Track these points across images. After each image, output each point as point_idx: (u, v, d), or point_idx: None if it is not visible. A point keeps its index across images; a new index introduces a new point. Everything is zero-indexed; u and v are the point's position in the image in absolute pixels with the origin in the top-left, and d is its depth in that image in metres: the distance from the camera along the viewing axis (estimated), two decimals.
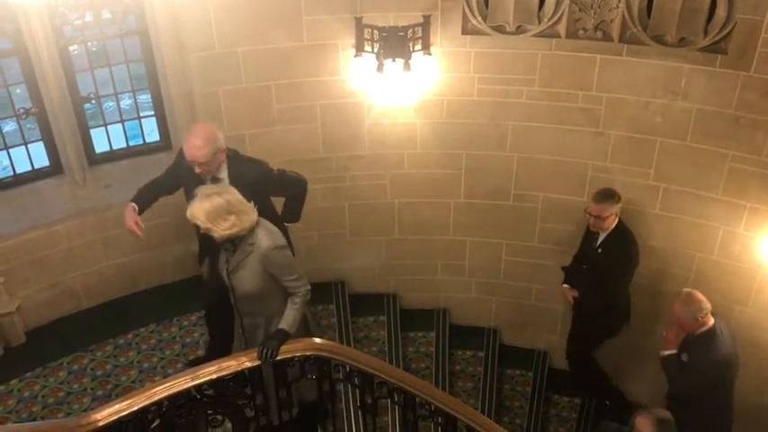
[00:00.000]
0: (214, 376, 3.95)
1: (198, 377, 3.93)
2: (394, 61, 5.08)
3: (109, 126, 5.57)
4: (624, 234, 5.30)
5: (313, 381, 4.28)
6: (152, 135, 5.71)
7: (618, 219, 5.27)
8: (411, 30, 5.10)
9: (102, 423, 3.70)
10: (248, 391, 4.15)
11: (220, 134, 4.40)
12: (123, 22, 5.14)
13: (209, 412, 4.09)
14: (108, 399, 4.97)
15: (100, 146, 5.58)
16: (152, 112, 5.55)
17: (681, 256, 5.56)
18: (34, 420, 4.90)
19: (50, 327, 5.55)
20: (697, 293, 4.61)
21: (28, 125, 5.38)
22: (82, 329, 5.55)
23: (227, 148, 4.44)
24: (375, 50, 5.14)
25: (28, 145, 5.34)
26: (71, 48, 5.13)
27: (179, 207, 4.29)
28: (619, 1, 4.89)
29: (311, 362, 4.17)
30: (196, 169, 4.34)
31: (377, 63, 5.11)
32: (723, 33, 4.73)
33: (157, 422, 3.91)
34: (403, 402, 4.23)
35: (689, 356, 4.69)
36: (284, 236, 4.26)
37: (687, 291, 4.66)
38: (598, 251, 5.35)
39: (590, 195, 5.63)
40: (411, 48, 5.13)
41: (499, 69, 5.37)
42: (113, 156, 5.61)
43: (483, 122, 5.61)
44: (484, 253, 6.24)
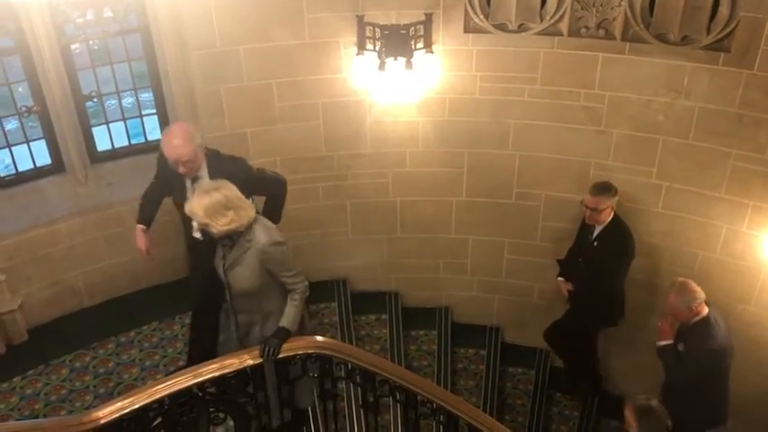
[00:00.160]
0: (216, 374, 3.95)
1: (200, 375, 3.93)
2: (396, 59, 5.08)
3: (111, 124, 5.57)
4: (620, 228, 5.32)
5: (308, 386, 4.27)
6: (154, 133, 5.71)
7: (614, 212, 5.29)
8: (413, 28, 5.09)
9: (103, 421, 3.71)
10: (250, 389, 4.16)
11: (197, 131, 4.38)
12: (125, 20, 5.14)
13: (210, 410, 4.09)
14: (110, 396, 4.97)
15: (102, 144, 5.58)
16: (154, 111, 5.56)
17: (683, 255, 5.56)
18: (36, 418, 4.90)
19: (52, 325, 5.56)
20: (691, 283, 4.62)
21: (30, 123, 5.39)
22: (84, 327, 5.57)
23: (206, 148, 4.41)
24: (377, 48, 5.13)
25: (30, 143, 5.35)
26: (73, 46, 5.13)
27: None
28: None
29: (313, 360, 4.17)
30: (180, 169, 4.28)
31: (378, 61, 5.11)
32: (726, 31, 4.72)
33: (159, 420, 3.92)
34: (405, 401, 4.22)
35: (685, 346, 4.71)
36: None
37: (681, 280, 4.67)
38: (594, 244, 5.37)
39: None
40: (413, 46, 5.12)
41: (501, 67, 5.36)
42: (115, 154, 5.61)
43: (485, 121, 5.60)
44: (486, 251, 6.23)
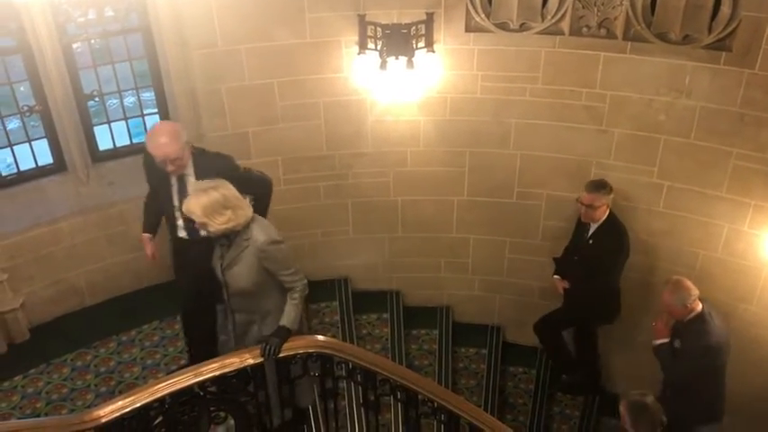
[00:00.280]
0: (217, 373, 3.96)
1: (201, 374, 3.94)
2: (397, 59, 5.07)
3: (112, 123, 5.57)
4: (615, 226, 5.34)
5: (308, 385, 4.27)
6: None
7: (609, 210, 5.31)
8: (414, 27, 5.09)
9: (104, 420, 3.72)
10: (251, 388, 4.16)
11: (183, 129, 4.38)
12: (126, 20, 5.15)
13: (211, 409, 4.10)
14: (111, 395, 4.98)
15: (103, 143, 5.59)
16: (155, 110, 5.56)
17: (685, 254, 5.55)
18: (38, 417, 4.91)
19: (54, 323, 5.57)
20: (685, 281, 4.63)
21: (32, 123, 5.39)
22: (85, 326, 5.58)
23: (192, 146, 4.41)
24: (378, 48, 5.13)
25: (32, 142, 5.35)
26: (74, 45, 5.13)
27: None
28: None
29: (314, 359, 4.17)
30: (168, 167, 4.26)
31: (380, 60, 5.11)
32: (727, 31, 4.71)
33: (160, 419, 3.93)
34: (405, 400, 4.23)
35: (681, 343, 4.71)
36: None
37: (675, 278, 4.68)
38: (589, 242, 5.40)
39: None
40: (414, 45, 5.12)
41: (502, 67, 5.36)
42: (117, 153, 5.62)
43: (486, 120, 5.60)
44: (487, 250, 6.23)
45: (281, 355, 4.06)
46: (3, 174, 5.34)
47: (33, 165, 5.43)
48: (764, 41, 4.62)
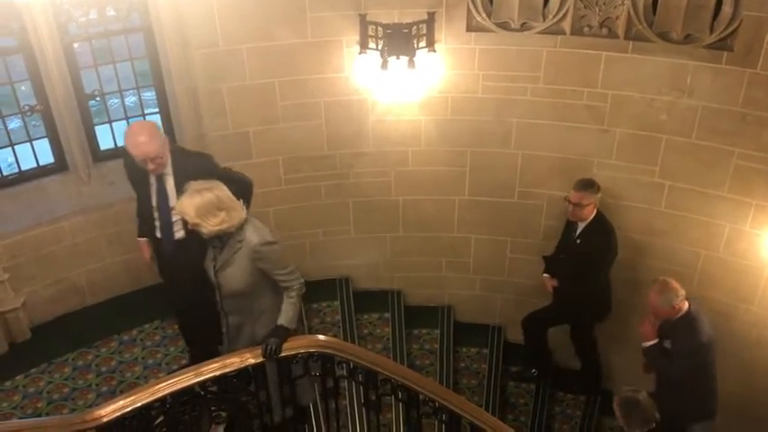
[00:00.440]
0: (217, 373, 3.95)
1: (201, 374, 3.94)
2: (398, 58, 5.07)
3: (113, 123, 5.58)
4: (603, 225, 5.36)
5: (309, 384, 4.27)
6: None
7: (597, 209, 5.33)
8: (415, 27, 5.09)
9: (106, 419, 3.72)
10: (252, 388, 4.16)
11: (160, 128, 4.38)
12: (127, 20, 5.15)
13: (212, 408, 4.10)
14: (112, 395, 4.98)
15: (104, 143, 5.59)
16: (156, 109, 5.56)
17: (686, 254, 5.54)
18: (39, 416, 4.91)
19: (55, 323, 5.57)
20: (672, 281, 4.62)
21: (33, 122, 5.40)
22: (87, 325, 5.58)
23: (171, 145, 4.41)
24: (379, 47, 5.13)
25: (33, 142, 5.36)
26: (75, 45, 5.13)
27: None
28: None
29: (315, 359, 4.17)
30: (149, 166, 4.25)
31: (381, 60, 5.11)
32: (729, 30, 4.70)
33: (161, 418, 3.93)
34: (407, 399, 4.23)
35: (673, 343, 4.70)
36: None
37: (662, 279, 4.67)
38: (577, 241, 5.41)
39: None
40: (415, 45, 5.12)
41: (504, 66, 5.35)
42: (118, 153, 5.55)
43: (487, 119, 5.60)
44: (488, 250, 6.23)
45: (282, 355, 4.06)
46: (4, 173, 5.34)
47: (34, 164, 5.43)
48: (766, 41, 4.61)
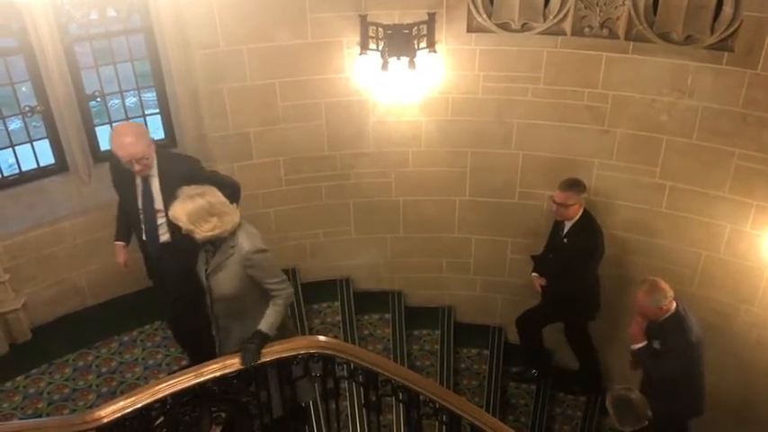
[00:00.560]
0: (218, 374, 3.94)
1: (202, 374, 3.93)
2: (399, 59, 5.07)
3: (114, 124, 5.56)
4: (589, 223, 5.37)
5: (309, 382, 4.27)
6: (157, 133, 5.70)
7: (583, 209, 5.34)
8: (416, 27, 5.09)
9: (106, 420, 3.71)
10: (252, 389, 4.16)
11: (146, 129, 4.38)
12: (128, 20, 5.15)
13: (213, 409, 4.10)
14: (113, 395, 4.99)
15: (105, 143, 5.55)
16: (157, 110, 5.57)
17: (687, 255, 5.54)
18: (39, 417, 4.91)
19: (56, 324, 5.57)
20: (661, 282, 4.60)
21: (33, 123, 5.40)
22: (87, 326, 5.58)
23: (157, 148, 4.38)
24: (380, 48, 5.13)
25: (33, 143, 5.35)
26: (76, 46, 5.13)
27: None
28: None
29: (315, 359, 4.16)
30: (135, 167, 4.24)
31: (381, 61, 5.11)
32: (730, 31, 4.70)
33: (161, 419, 3.92)
34: (407, 400, 4.22)
35: (662, 343, 4.67)
36: None
37: (651, 279, 4.65)
38: (564, 240, 5.42)
39: (596, 194, 5.63)
40: (416, 45, 5.12)
41: (504, 67, 5.35)
42: None
43: (488, 120, 5.60)
44: (489, 250, 6.23)
45: (284, 356, 4.06)
46: (5, 174, 5.34)
47: (35, 165, 5.42)
48: (767, 42, 4.60)
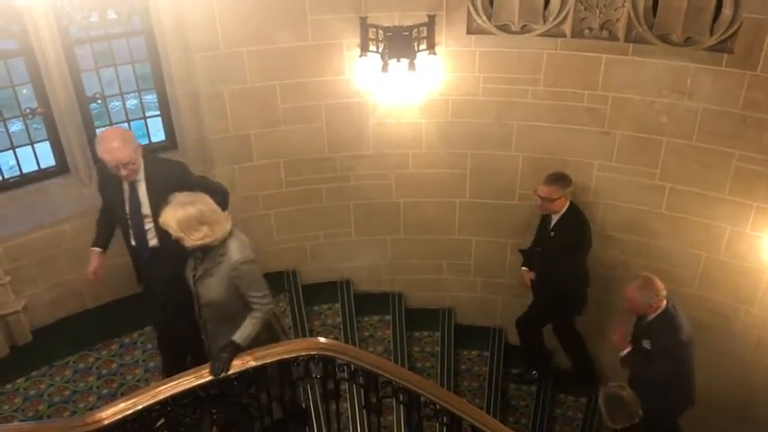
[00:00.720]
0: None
1: (202, 376, 3.94)
2: (399, 61, 5.08)
3: (115, 125, 5.56)
4: (576, 216, 5.39)
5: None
6: (157, 135, 5.73)
7: (570, 202, 5.36)
8: (416, 29, 5.10)
9: (107, 422, 3.72)
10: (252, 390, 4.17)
11: (132, 134, 4.35)
12: (128, 23, 5.15)
13: (213, 411, 4.10)
14: (113, 397, 4.99)
15: None
16: (157, 112, 5.57)
17: (687, 256, 5.54)
18: (40, 419, 4.91)
19: (56, 326, 5.57)
20: (656, 280, 4.59)
21: (34, 125, 5.41)
22: (88, 328, 5.58)
23: (144, 152, 4.35)
24: (380, 50, 5.14)
25: (34, 145, 5.36)
26: (76, 48, 5.14)
27: None
28: (624, 0, 4.88)
29: (316, 361, 4.17)
30: (122, 172, 4.21)
31: (381, 63, 5.12)
32: (729, 32, 4.71)
33: (162, 421, 3.93)
34: (408, 402, 4.23)
35: (652, 343, 4.66)
36: None
37: (646, 276, 4.64)
38: (551, 234, 5.44)
39: (596, 196, 5.64)
40: (416, 47, 5.13)
41: (504, 69, 5.36)
42: None
43: (488, 122, 5.60)
44: (489, 252, 6.23)
45: (284, 357, 4.07)
46: (5, 176, 5.34)
47: (36, 167, 5.43)
48: (766, 43, 4.61)
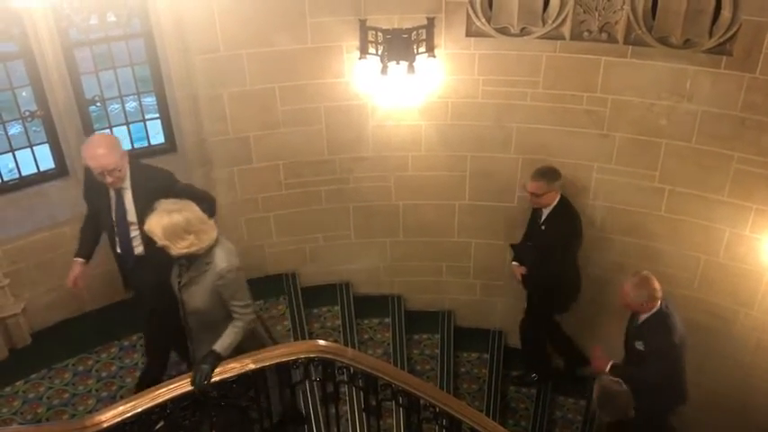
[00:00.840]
0: (217, 378, 3.95)
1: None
2: (398, 63, 5.08)
3: (114, 128, 5.58)
4: (566, 210, 5.39)
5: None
6: (157, 137, 5.73)
7: (560, 196, 5.36)
8: (415, 32, 5.10)
9: (106, 425, 3.72)
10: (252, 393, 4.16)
11: (119, 141, 4.34)
12: (128, 25, 5.14)
13: (212, 414, 4.09)
14: (113, 400, 4.98)
15: None
16: (157, 115, 5.57)
17: (686, 259, 5.54)
18: (39, 422, 4.91)
19: (56, 328, 5.57)
20: (653, 280, 4.58)
21: (33, 128, 5.40)
22: (87, 331, 5.57)
23: (130, 159, 4.35)
24: (379, 53, 5.14)
25: (33, 147, 5.35)
26: (76, 50, 5.14)
27: None
28: (623, 2, 4.88)
29: (315, 363, 4.16)
30: (107, 179, 4.19)
31: (381, 65, 5.11)
32: (728, 35, 4.71)
33: (161, 424, 3.92)
34: (407, 405, 4.23)
35: (645, 344, 4.64)
36: None
37: (644, 274, 4.62)
38: (542, 228, 5.45)
39: (595, 198, 5.64)
40: (415, 50, 5.13)
41: (503, 71, 5.36)
42: None
43: (487, 124, 5.60)
44: (489, 254, 6.23)
45: (283, 360, 4.06)
46: (5, 179, 5.34)
47: (35, 170, 5.43)
48: (765, 45, 4.62)
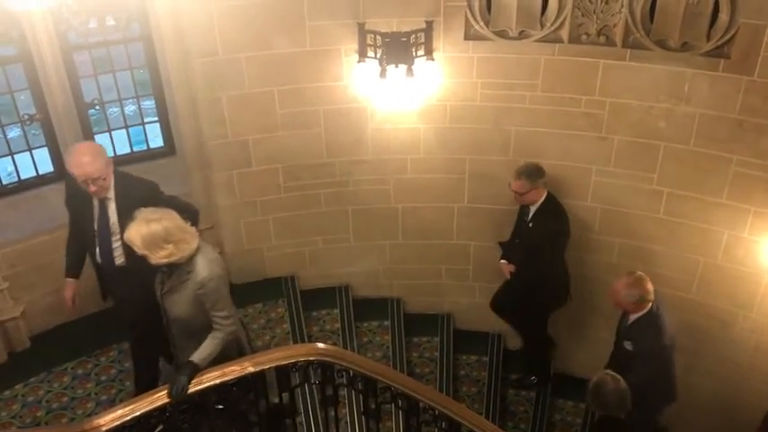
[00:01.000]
0: (217, 381, 3.95)
1: (201, 382, 3.93)
2: (397, 67, 5.08)
3: (113, 132, 5.59)
4: (553, 206, 5.39)
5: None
6: (156, 141, 5.74)
7: (547, 192, 5.36)
8: (414, 35, 5.11)
9: (105, 428, 3.72)
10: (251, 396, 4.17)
11: (104, 149, 4.32)
12: (127, 29, 5.16)
13: (212, 417, 4.09)
14: (112, 404, 4.98)
15: None
16: (156, 118, 5.58)
17: (685, 261, 5.55)
18: (38, 425, 4.91)
19: (55, 332, 5.57)
20: (647, 281, 4.58)
21: (32, 131, 5.41)
22: (86, 335, 5.57)
23: (115, 169, 4.34)
24: (378, 56, 5.15)
25: (32, 151, 5.37)
26: (75, 54, 5.15)
27: None
28: (622, 6, 4.89)
29: (314, 366, 4.16)
30: (91, 188, 4.16)
31: (380, 68, 5.12)
32: (726, 38, 4.72)
33: (161, 427, 3.92)
34: (406, 407, 4.22)
35: (634, 344, 4.64)
36: None
37: (638, 275, 4.62)
38: (529, 225, 5.45)
39: (594, 200, 5.65)
40: (414, 53, 5.14)
41: (502, 74, 5.37)
42: (117, 161, 5.55)
43: (486, 127, 5.61)
44: (488, 257, 6.22)
45: (282, 363, 4.06)
46: (3, 182, 5.35)
47: (34, 173, 5.44)
48: (763, 48, 4.63)
